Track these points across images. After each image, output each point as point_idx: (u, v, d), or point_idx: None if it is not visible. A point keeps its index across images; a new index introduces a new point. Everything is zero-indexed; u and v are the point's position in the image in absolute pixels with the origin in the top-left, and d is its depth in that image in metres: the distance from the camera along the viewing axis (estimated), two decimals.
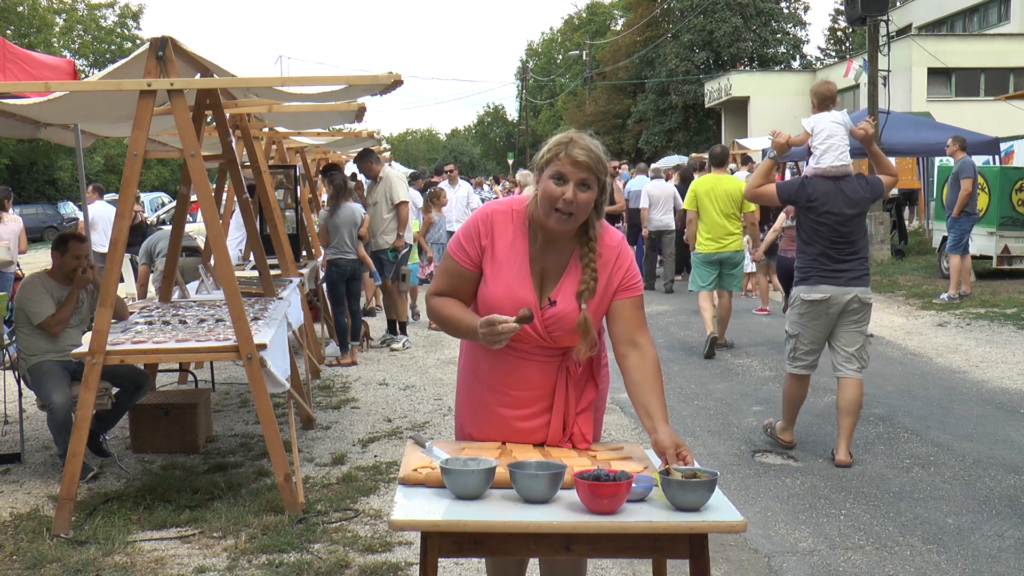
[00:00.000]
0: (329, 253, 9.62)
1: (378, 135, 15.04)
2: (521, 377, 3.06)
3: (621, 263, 3.05)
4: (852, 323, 6.07)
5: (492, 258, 3.05)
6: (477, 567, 4.44)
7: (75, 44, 44.22)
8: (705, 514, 2.59)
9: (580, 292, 2.99)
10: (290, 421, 6.00)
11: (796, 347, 6.22)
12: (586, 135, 3.00)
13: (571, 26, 68.62)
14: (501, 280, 3.02)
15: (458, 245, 3.10)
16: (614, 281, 3.04)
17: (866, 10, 17.23)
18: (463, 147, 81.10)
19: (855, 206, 6.08)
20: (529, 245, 3.05)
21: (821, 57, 50.60)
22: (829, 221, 6.03)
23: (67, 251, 6.28)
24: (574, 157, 2.91)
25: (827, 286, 6.01)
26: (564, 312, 2.99)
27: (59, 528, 4.97)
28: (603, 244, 3.05)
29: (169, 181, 44.67)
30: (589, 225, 3.01)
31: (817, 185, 6.09)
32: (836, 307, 6.03)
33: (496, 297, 3.01)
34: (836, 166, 6.13)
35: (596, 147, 2.96)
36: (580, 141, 2.94)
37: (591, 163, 2.92)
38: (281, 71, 50.05)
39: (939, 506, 5.32)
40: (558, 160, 2.92)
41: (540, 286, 3.03)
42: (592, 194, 2.94)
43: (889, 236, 17.40)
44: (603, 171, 2.96)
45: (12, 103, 6.28)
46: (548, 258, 3.04)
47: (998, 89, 29.62)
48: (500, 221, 3.07)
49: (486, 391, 3.13)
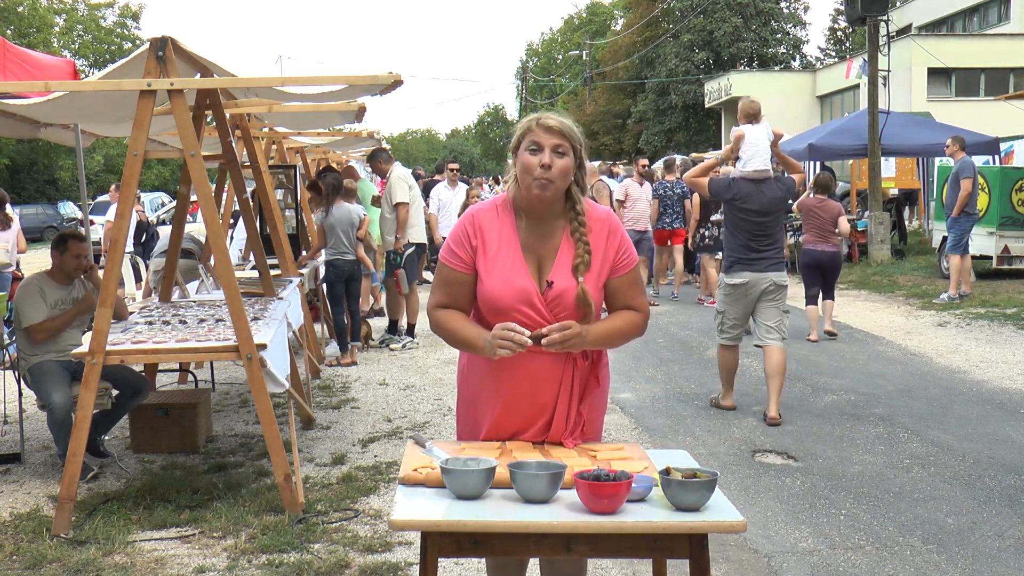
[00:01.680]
0: (327, 254, 9.61)
1: (378, 135, 15.03)
2: (527, 369, 3.03)
3: (613, 239, 3.10)
4: (770, 302, 7.07)
5: (484, 255, 3.07)
6: (477, 567, 4.45)
7: (75, 44, 44.22)
8: (705, 514, 2.59)
9: (576, 266, 3.03)
10: (290, 421, 6.00)
11: (723, 322, 7.25)
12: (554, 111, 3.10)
13: (571, 26, 68.61)
14: (497, 274, 3.04)
15: (449, 252, 3.12)
16: (609, 258, 3.08)
17: (866, 10, 17.24)
18: (463, 147, 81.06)
19: (772, 204, 7.07)
20: (519, 234, 3.08)
21: (821, 57, 50.61)
22: (750, 217, 7.03)
23: (67, 250, 6.27)
24: (546, 124, 3.01)
25: (747, 272, 7.02)
26: (564, 289, 3.02)
27: (59, 528, 4.97)
28: (591, 218, 3.09)
29: (169, 181, 44.64)
30: (575, 200, 3.06)
31: (742, 186, 7.07)
32: (755, 290, 7.03)
33: (495, 291, 3.02)
34: (759, 171, 7.07)
35: (566, 119, 3.07)
36: (550, 113, 3.06)
37: (563, 129, 3.01)
38: (281, 71, 50.10)
39: (939, 506, 5.32)
40: (531, 132, 3.02)
41: (538, 272, 3.06)
42: (569, 160, 3.01)
43: (889, 236, 17.41)
44: (577, 140, 3.04)
45: (12, 103, 6.28)
46: (540, 242, 3.07)
47: (998, 89, 29.63)
48: (486, 218, 3.11)
49: (491, 383, 3.10)
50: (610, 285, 3.11)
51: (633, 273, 3.14)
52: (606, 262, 3.08)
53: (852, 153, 17.94)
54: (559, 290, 3.01)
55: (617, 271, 3.10)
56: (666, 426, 7.16)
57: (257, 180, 8.17)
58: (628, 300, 3.13)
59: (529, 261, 3.06)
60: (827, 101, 37.52)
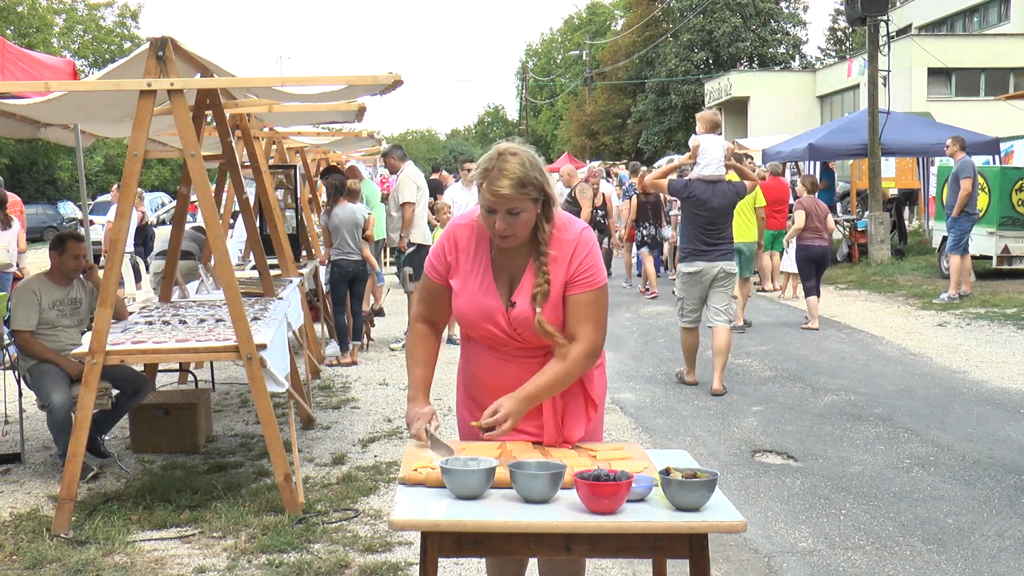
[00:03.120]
0: (332, 254, 9.62)
1: (378, 135, 15.04)
2: (503, 377, 3.09)
3: (575, 258, 3.04)
4: (720, 288, 8.06)
5: (458, 271, 3.13)
6: (477, 567, 4.44)
7: (75, 44, 44.19)
8: (705, 514, 2.59)
9: (534, 295, 3.03)
10: (290, 421, 6.00)
11: (683, 307, 8.22)
12: (514, 150, 2.97)
13: (571, 26, 68.59)
14: (467, 292, 3.10)
15: (430, 263, 3.20)
16: (568, 274, 3.05)
17: (866, 10, 17.23)
18: (463, 147, 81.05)
19: (723, 204, 8.02)
20: (492, 253, 3.10)
21: (821, 57, 50.58)
22: (704, 213, 7.97)
23: (65, 251, 6.26)
24: (496, 191, 2.91)
25: (700, 262, 7.99)
26: (525, 314, 3.03)
27: (59, 528, 4.97)
28: (558, 242, 3.05)
29: (169, 181, 44.64)
30: (540, 240, 3.02)
31: (697, 186, 8.02)
32: (708, 277, 8.00)
33: (463, 308, 3.11)
34: (713, 175, 8.02)
35: (522, 166, 2.93)
36: (504, 166, 2.92)
37: (514, 193, 2.91)
38: (281, 71, 50.09)
39: (939, 506, 5.32)
40: (484, 191, 2.94)
41: (509, 290, 3.08)
42: (528, 214, 2.96)
43: (889, 236, 17.39)
44: (534, 187, 2.94)
45: (12, 103, 6.28)
46: (510, 262, 3.09)
47: (998, 89, 29.60)
48: (463, 235, 3.14)
49: (477, 391, 3.20)
50: (566, 300, 3.05)
51: (590, 295, 3.03)
52: (564, 284, 3.05)
53: (852, 153, 17.94)
54: (521, 313, 3.04)
55: (573, 288, 3.04)
56: (666, 426, 7.16)
57: (257, 180, 8.16)
58: (575, 324, 3.02)
59: (500, 279, 3.09)
60: (827, 101, 37.49)
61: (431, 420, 3.09)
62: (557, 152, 55.27)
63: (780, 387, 8.29)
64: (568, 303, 3.04)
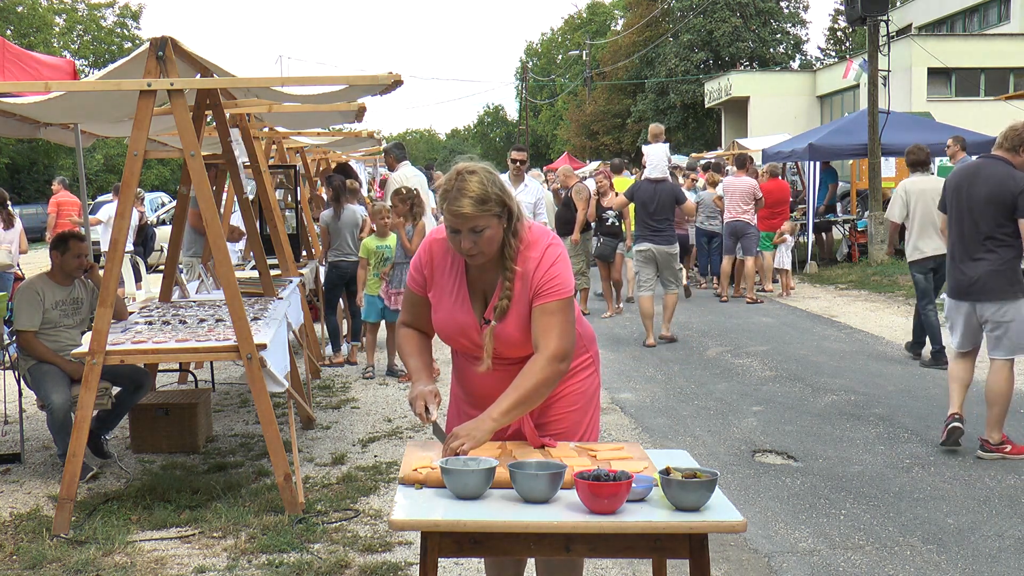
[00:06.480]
0: (331, 255, 9.61)
1: (378, 135, 15.03)
2: (483, 385, 3.13)
3: (539, 271, 3.04)
4: (667, 265, 10.34)
5: (434, 286, 3.16)
6: (477, 567, 4.44)
7: (75, 44, 44.20)
8: (705, 514, 2.59)
9: (493, 310, 3.06)
10: (290, 421, 6.00)
11: (640, 280, 10.47)
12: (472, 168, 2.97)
13: (571, 26, 68.55)
14: (443, 307, 3.14)
15: (410, 276, 3.25)
16: (530, 289, 3.05)
17: (866, 10, 17.21)
18: (463, 147, 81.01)
19: (664, 199, 10.23)
20: (467, 268, 3.12)
21: (821, 57, 50.58)
22: (648, 207, 10.25)
23: (67, 250, 6.26)
24: (456, 211, 2.93)
25: (648, 244, 10.29)
26: (497, 330, 3.06)
27: (59, 528, 4.97)
28: (524, 256, 3.05)
29: (169, 181, 44.61)
30: (506, 245, 3.03)
31: (645, 186, 10.39)
32: (654, 255, 10.27)
33: (440, 323, 3.16)
34: (657, 177, 10.29)
35: (481, 183, 2.94)
36: (463, 186, 2.93)
37: (475, 211, 2.92)
38: (281, 71, 50.07)
39: (939, 506, 5.31)
40: (445, 212, 2.97)
41: (483, 304, 3.12)
42: (492, 230, 2.97)
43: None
44: (495, 203, 2.95)
45: (12, 103, 6.28)
46: (483, 278, 3.11)
47: (998, 89, 29.59)
48: (439, 250, 3.16)
49: (464, 399, 3.29)
50: (532, 311, 3.04)
51: (553, 305, 3.01)
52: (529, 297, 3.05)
53: (852, 153, 17.93)
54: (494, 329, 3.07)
55: (538, 299, 3.03)
56: (666, 426, 7.16)
57: (257, 180, 8.16)
58: (539, 333, 3.01)
59: (475, 294, 3.12)
60: (827, 101, 37.48)
61: (434, 398, 3.09)
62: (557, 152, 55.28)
63: (780, 387, 8.29)
64: (533, 313, 3.04)
